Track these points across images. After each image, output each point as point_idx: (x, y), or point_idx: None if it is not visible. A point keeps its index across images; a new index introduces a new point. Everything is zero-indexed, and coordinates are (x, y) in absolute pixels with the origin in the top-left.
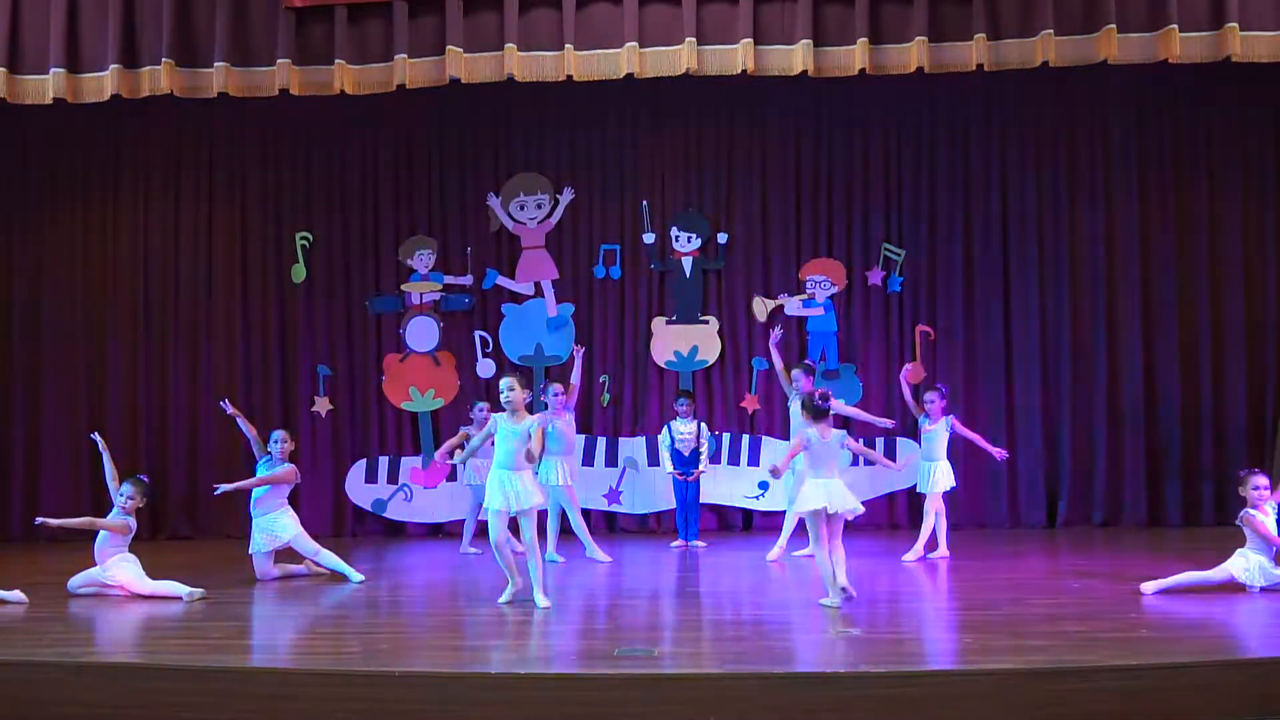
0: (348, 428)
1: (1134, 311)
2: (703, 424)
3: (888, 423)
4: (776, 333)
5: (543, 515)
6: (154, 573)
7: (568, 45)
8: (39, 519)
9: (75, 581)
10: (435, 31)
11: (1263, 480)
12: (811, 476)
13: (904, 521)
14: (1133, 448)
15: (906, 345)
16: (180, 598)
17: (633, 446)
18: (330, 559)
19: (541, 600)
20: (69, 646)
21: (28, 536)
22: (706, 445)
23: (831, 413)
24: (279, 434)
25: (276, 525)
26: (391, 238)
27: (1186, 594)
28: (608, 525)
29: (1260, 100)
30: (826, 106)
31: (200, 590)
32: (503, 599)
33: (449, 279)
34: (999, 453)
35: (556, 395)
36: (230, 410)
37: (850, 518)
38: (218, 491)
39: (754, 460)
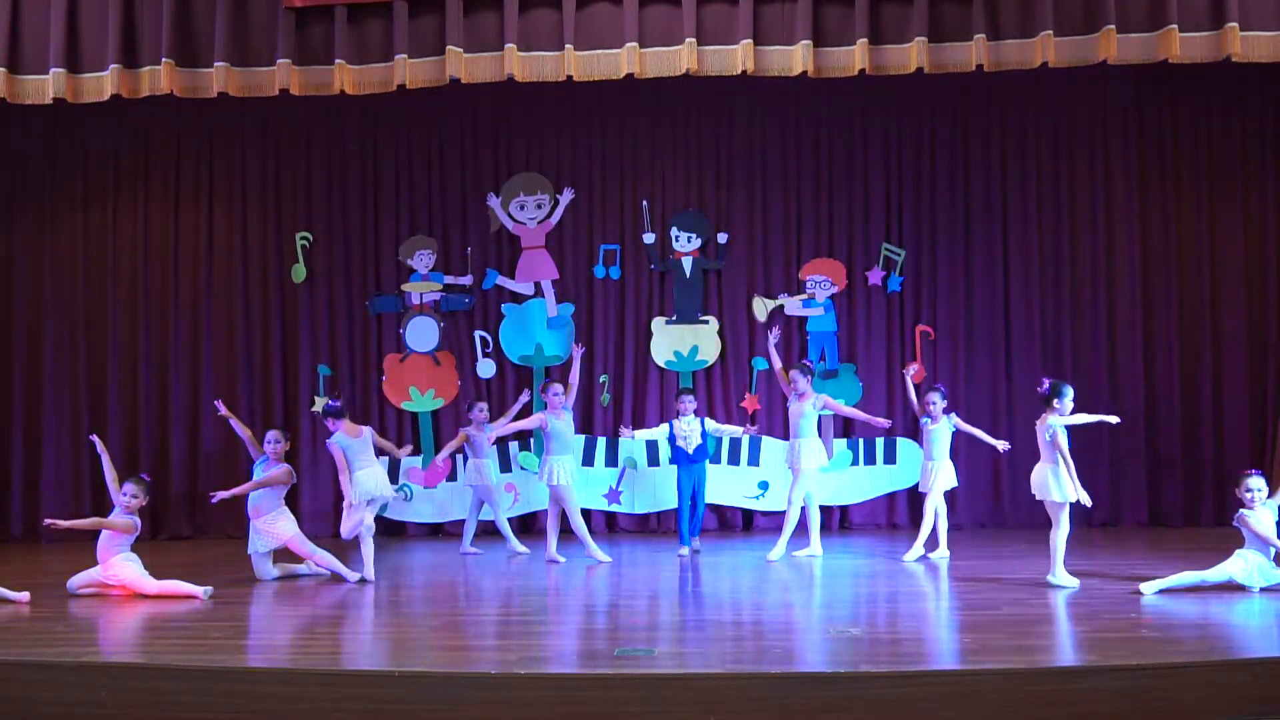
0: None
1: (1134, 311)
2: (705, 419)
3: (885, 422)
4: (774, 334)
5: (542, 515)
6: (154, 573)
7: (568, 45)
8: (48, 521)
9: (75, 581)
10: (435, 31)
11: (1257, 481)
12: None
13: (904, 521)
14: (1133, 448)
15: (906, 345)
16: (197, 597)
17: (633, 446)
18: (327, 559)
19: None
20: (69, 646)
21: (28, 536)
22: (721, 435)
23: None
24: (274, 434)
25: (274, 526)
26: (391, 238)
27: (1186, 594)
28: (608, 525)
29: (1260, 100)
30: (826, 106)
31: (210, 588)
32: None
33: (449, 279)
34: (1001, 445)
35: (556, 395)
36: (223, 411)
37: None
38: (215, 499)
39: (754, 460)
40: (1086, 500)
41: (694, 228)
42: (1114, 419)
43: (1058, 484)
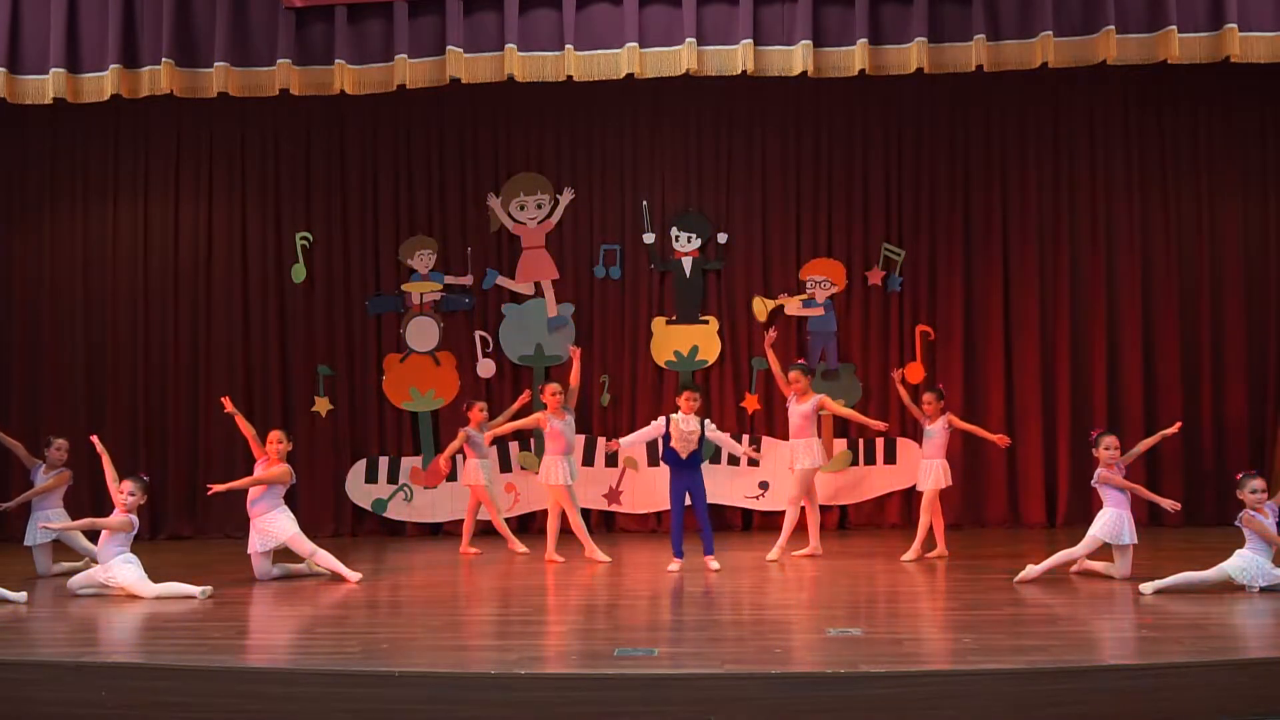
0: (348, 428)
1: (1134, 311)
2: (707, 422)
3: (882, 425)
4: (770, 335)
5: (542, 515)
6: (154, 573)
7: (568, 45)
8: (41, 524)
9: (76, 581)
10: (435, 31)
11: (1261, 483)
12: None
13: (903, 521)
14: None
15: (906, 345)
16: (194, 596)
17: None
18: (327, 559)
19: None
20: (69, 646)
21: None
22: (706, 441)
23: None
24: (276, 435)
25: (273, 525)
26: (391, 238)
27: (1185, 594)
28: (607, 525)
29: (1259, 101)
30: (826, 106)
31: (209, 587)
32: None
33: (449, 279)
34: (1000, 439)
35: (555, 395)
36: (229, 409)
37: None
38: (211, 492)
39: (754, 460)
40: (1171, 505)
41: (694, 228)
42: (1170, 431)
43: (1113, 528)
